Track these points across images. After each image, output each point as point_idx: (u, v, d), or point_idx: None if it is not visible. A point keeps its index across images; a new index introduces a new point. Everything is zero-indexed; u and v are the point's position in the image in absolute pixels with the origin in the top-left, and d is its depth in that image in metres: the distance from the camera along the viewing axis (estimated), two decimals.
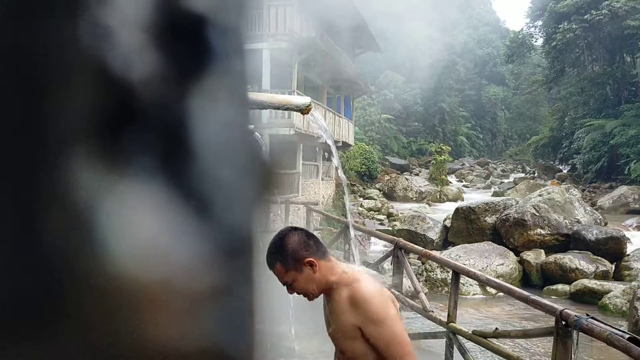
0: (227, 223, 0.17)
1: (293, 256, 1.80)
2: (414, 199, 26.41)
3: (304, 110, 2.31)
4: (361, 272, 1.87)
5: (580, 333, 3.04)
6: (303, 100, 2.34)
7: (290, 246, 1.81)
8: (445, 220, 14.99)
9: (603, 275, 10.97)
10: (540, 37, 45.83)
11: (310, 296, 1.86)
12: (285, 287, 1.86)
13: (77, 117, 0.15)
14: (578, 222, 13.03)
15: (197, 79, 0.18)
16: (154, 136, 0.16)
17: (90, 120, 0.15)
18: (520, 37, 51.04)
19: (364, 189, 26.55)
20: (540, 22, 44.33)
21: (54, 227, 0.14)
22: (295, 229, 1.93)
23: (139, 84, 0.15)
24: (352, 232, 6.45)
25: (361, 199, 23.36)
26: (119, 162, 0.15)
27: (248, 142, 0.19)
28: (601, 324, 2.84)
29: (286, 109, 2.33)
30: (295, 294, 1.87)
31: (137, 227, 0.15)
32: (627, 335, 2.64)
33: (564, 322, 3.06)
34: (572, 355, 3.12)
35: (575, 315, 2.99)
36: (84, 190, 0.14)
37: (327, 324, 1.88)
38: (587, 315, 2.99)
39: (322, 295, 1.89)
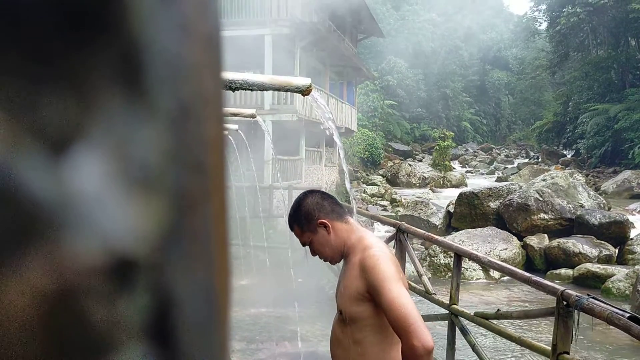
0: None
1: (307, 217, 1.86)
2: (417, 184, 26.41)
3: (304, 91, 2.32)
4: (375, 239, 1.89)
5: (581, 314, 3.05)
6: (303, 81, 2.35)
7: (305, 208, 1.87)
8: (448, 205, 15.00)
9: (606, 259, 10.98)
10: (545, 21, 45.48)
11: (331, 259, 1.89)
12: (307, 248, 1.92)
13: None
14: (582, 206, 13.02)
15: None
16: None
17: None
18: (524, 21, 50.74)
19: (367, 175, 26.53)
20: (544, 6, 43.96)
21: None
22: (312, 191, 1.98)
23: None
24: (355, 216, 6.42)
25: (364, 185, 23.36)
26: None
27: None
28: (602, 304, 2.85)
29: (287, 90, 2.34)
30: (317, 256, 1.92)
31: None
32: (628, 314, 2.65)
33: (565, 302, 3.07)
34: (573, 335, 3.14)
35: (576, 295, 3.00)
36: None
37: (337, 285, 1.91)
38: (588, 295, 3.00)
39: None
